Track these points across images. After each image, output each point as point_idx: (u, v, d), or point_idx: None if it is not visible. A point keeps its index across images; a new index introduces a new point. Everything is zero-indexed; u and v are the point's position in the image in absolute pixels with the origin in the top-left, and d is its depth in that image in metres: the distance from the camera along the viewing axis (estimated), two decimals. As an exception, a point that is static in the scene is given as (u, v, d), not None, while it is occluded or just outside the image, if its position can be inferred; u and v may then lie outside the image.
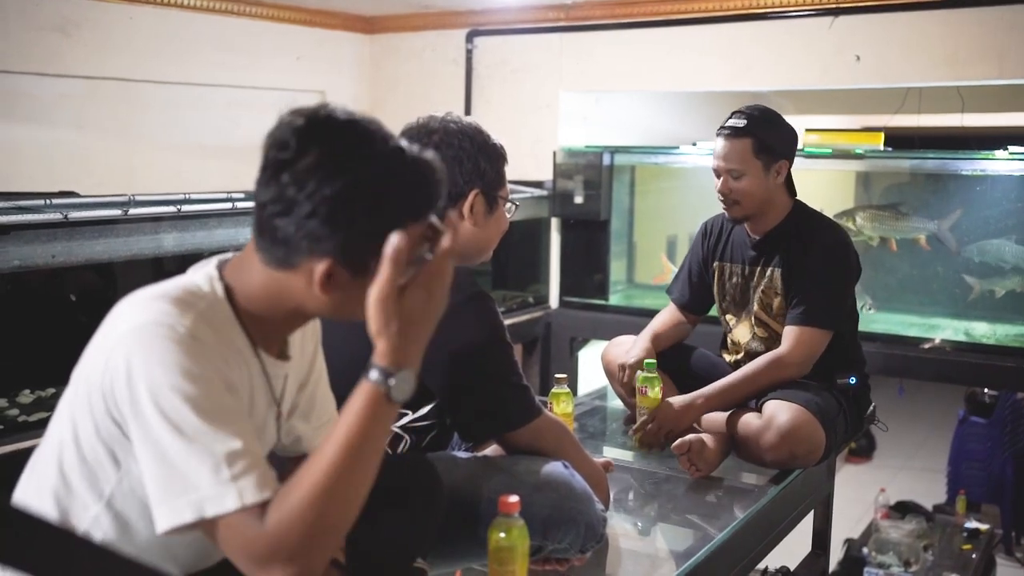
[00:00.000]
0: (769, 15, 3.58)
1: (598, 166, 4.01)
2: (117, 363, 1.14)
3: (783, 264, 2.49)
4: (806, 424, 2.26)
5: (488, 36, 4.19)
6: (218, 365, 1.17)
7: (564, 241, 4.18)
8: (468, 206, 1.83)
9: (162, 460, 1.12)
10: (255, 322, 1.26)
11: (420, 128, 1.84)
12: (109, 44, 3.42)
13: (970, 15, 3.25)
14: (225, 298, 1.24)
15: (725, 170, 2.46)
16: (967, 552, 3.66)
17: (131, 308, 1.19)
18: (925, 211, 3.60)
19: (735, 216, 2.50)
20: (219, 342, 1.20)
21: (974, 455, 4.44)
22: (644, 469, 2.40)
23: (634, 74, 3.94)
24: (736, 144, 2.44)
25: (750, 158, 2.43)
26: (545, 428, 1.83)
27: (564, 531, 1.73)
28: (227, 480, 1.11)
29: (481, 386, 1.77)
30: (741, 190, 2.45)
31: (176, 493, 1.11)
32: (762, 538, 2.21)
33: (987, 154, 3.41)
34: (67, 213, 2.48)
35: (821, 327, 2.41)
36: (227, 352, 1.21)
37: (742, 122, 2.45)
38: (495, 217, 1.90)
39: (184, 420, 1.11)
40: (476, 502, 1.74)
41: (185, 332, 1.15)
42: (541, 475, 1.77)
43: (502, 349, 1.79)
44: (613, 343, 2.74)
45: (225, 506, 1.10)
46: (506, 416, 1.80)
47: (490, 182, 1.85)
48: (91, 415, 1.18)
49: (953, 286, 3.65)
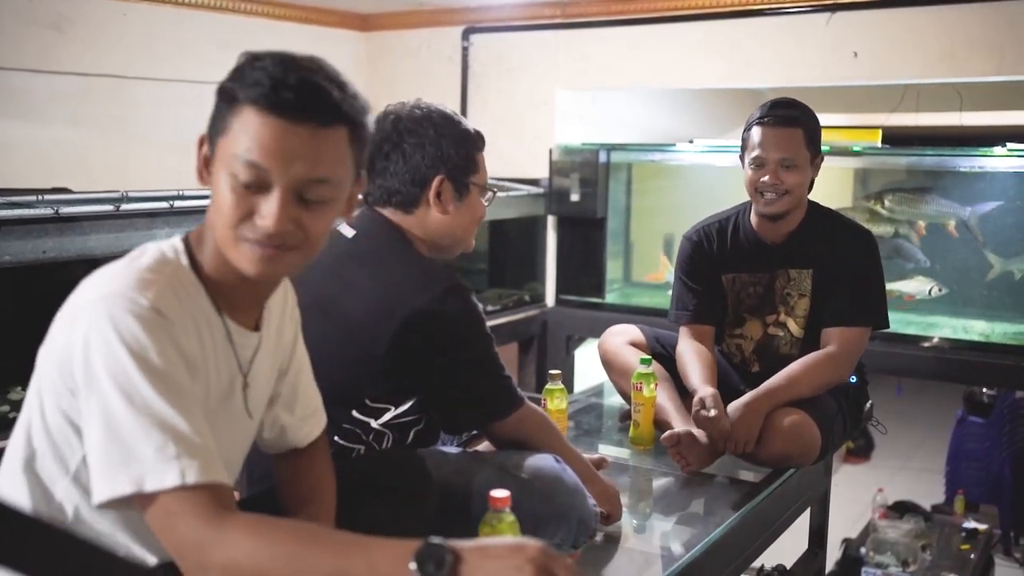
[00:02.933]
0: (766, 12, 3.57)
1: (594, 164, 3.99)
2: (76, 334, 1.13)
3: (812, 265, 2.43)
4: (801, 424, 2.23)
5: (484, 34, 4.18)
6: (179, 339, 1.17)
7: (560, 239, 4.16)
8: (434, 192, 1.82)
9: (108, 429, 1.10)
10: (219, 289, 1.26)
11: (384, 115, 1.84)
12: (103, 41, 3.41)
13: (968, 11, 3.24)
14: (189, 266, 1.24)
15: (777, 160, 2.35)
16: (965, 552, 3.64)
17: (94, 281, 1.19)
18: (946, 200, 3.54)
19: (778, 210, 2.39)
20: (183, 311, 1.19)
21: (972, 455, 4.42)
22: (639, 466, 2.39)
23: (631, 71, 3.93)
24: (789, 133, 2.35)
25: (802, 148, 2.36)
26: (528, 418, 1.82)
27: (556, 526, 1.72)
28: (171, 457, 1.09)
29: (462, 378, 1.76)
30: (792, 182, 2.35)
31: (117, 464, 1.09)
32: (757, 536, 2.19)
33: (985, 151, 3.40)
34: (58, 208, 2.47)
35: (868, 325, 2.39)
36: (191, 319, 1.21)
37: (793, 111, 2.37)
38: (467, 204, 1.87)
39: (136, 392, 1.10)
40: (466, 497, 1.72)
41: (147, 305, 1.14)
42: (532, 470, 1.76)
43: (482, 340, 1.78)
44: (610, 332, 2.69)
45: (164, 482, 1.08)
46: (488, 407, 1.79)
47: (456, 167, 1.83)
48: (54, 389, 1.17)
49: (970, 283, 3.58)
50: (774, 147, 2.35)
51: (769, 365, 2.46)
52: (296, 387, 1.49)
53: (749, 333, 2.54)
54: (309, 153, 1.17)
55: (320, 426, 1.54)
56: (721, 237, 2.55)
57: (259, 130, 1.15)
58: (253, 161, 1.15)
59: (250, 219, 1.17)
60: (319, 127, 1.17)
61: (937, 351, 3.36)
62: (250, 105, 1.15)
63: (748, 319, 2.53)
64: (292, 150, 1.15)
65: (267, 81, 1.14)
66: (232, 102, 1.17)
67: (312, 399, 1.53)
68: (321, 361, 1.71)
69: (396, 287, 1.73)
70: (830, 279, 2.41)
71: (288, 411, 1.48)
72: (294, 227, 1.19)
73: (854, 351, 2.37)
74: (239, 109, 1.16)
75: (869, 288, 2.40)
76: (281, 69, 1.15)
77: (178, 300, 1.19)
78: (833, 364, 2.34)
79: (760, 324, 2.51)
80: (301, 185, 1.18)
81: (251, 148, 1.15)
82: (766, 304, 2.50)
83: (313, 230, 1.21)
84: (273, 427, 1.48)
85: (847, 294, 2.38)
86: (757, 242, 2.49)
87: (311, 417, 1.52)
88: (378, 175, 1.85)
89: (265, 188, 1.17)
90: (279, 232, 1.17)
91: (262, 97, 1.14)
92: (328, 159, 1.19)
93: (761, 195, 2.39)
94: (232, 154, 1.16)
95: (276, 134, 1.15)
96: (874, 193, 3.59)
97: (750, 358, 2.54)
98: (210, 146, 1.21)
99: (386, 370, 1.73)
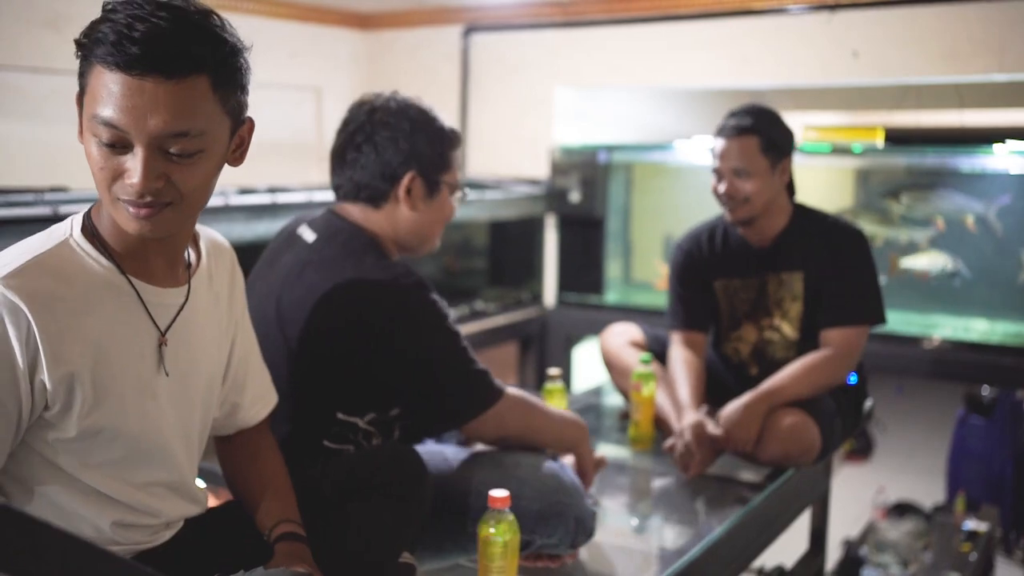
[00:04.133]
0: (767, 11, 3.56)
1: (594, 163, 3.99)
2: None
3: (803, 267, 2.43)
4: (801, 424, 2.23)
5: (484, 33, 4.17)
6: (20, 331, 1.15)
7: (560, 239, 4.16)
8: (404, 188, 1.78)
9: None
10: (122, 251, 1.25)
11: (359, 104, 1.81)
12: (102, 40, 3.41)
13: (969, 10, 3.23)
14: (83, 235, 1.23)
15: (730, 170, 2.37)
16: (966, 552, 3.63)
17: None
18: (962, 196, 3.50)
19: (740, 218, 2.41)
20: (70, 284, 1.19)
21: (974, 455, 4.40)
22: (638, 466, 2.38)
23: (631, 71, 3.92)
24: (742, 142, 2.36)
25: (757, 156, 2.35)
26: (510, 409, 1.76)
27: (553, 526, 1.71)
28: None
29: (431, 376, 1.71)
30: (748, 190, 2.36)
31: None
32: (757, 536, 2.18)
33: (986, 150, 3.39)
34: (57, 208, 2.47)
35: (865, 323, 2.38)
36: (81, 290, 1.20)
37: (747, 120, 2.37)
38: (437, 202, 1.83)
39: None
40: (464, 496, 1.72)
41: (6, 275, 1.14)
42: (530, 468, 1.75)
43: (445, 336, 1.72)
44: (611, 332, 2.70)
45: None
46: (463, 403, 1.73)
47: (429, 164, 1.79)
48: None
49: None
50: (727, 156, 2.38)
51: (766, 368, 2.46)
52: (247, 365, 1.50)
53: (745, 336, 2.54)
54: (162, 107, 1.13)
55: (269, 407, 1.56)
56: (711, 244, 2.55)
57: (109, 88, 1.12)
58: (108, 119, 1.13)
59: (120, 179, 1.16)
60: (167, 79, 1.13)
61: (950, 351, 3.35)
62: (99, 63, 1.13)
63: (744, 323, 2.53)
64: (144, 106, 1.12)
65: (112, 36, 1.11)
66: (85, 59, 1.15)
67: (264, 378, 1.55)
68: (295, 367, 1.70)
69: (355, 292, 1.69)
70: (823, 280, 2.41)
71: (240, 391, 1.50)
72: (164, 184, 1.17)
73: (853, 351, 2.36)
74: (91, 67, 1.14)
75: (863, 286, 2.40)
76: (126, 21, 1.12)
77: (55, 277, 1.19)
78: (832, 365, 2.34)
79: (755, 328, 2.51)
80: (160, 140, 1.15)
81: (105, 107, 1.13)
82: (759, 308, 2.50)
83: (185, 185, 1.18)
84: (224, 405, 1.49)
85: (841, 294, 2.38)
86: (745, 247, 2.50)
87: (263, 397, 1.54)
88: (348, 166, 1.80)
89: (127, 147, 1.15)
90: (147, 190, 1.15)
91: (108, 54, 1.11)
92: (186, 111, 1.15)
93: (723, 204, 2.42)
94: (91, 115, 1.15)
95: (125, 91, 1.12)
96: (891, 191, 3.56)
97: (747, 361, 2.54)
98: (79, 107, 1.19)
99: (357, 376, 1.71)
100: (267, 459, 1.52)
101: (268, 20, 3.96)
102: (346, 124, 1.81)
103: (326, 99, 4.22)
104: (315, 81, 4.22)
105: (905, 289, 3.56)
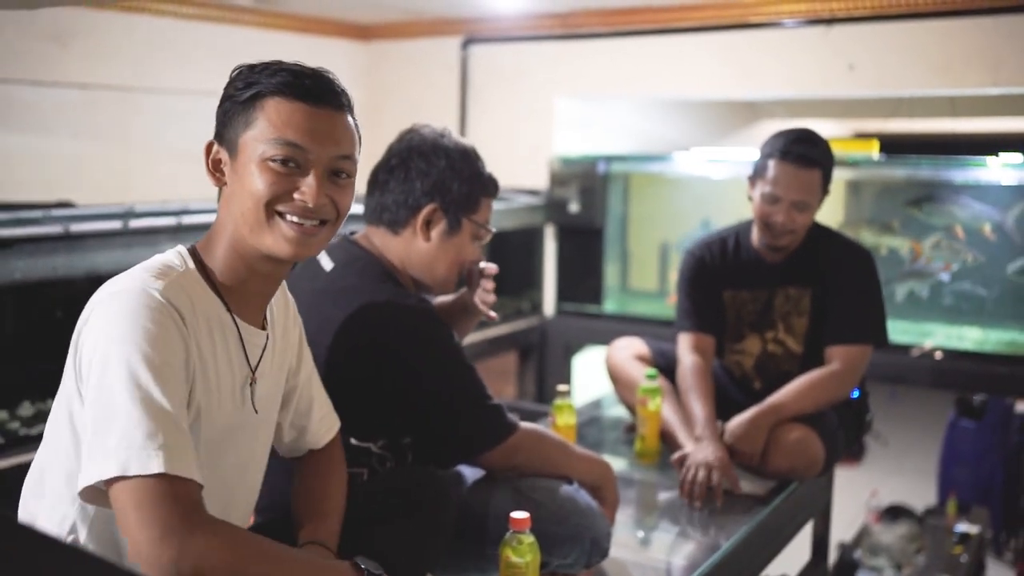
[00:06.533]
0: (765, 24, 3.60)
1: (593, 174, 4.03)
2: (88, 331, 1.19)
3: (812, 285, 2.45)
4: (806, 439, 2.28)
5: (484, 44, 4.20)
6: (187, 334, 1.22)
7: (560, 249, 4.19)
8: (423, 218, 1.81)
9: (106, 414, 1.14)
10: (229, 291, 1.33)
11: (407, 132, 1.86)
12: (105, 53, 3.42)
13: (965, 24, 3.28)
14: (196, 269, 1.31)
15: (792, 201, 2.31)
16: (957, 555, 3.69)
17: (108, 284, 1.25)
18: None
19: (781, 245, 2.40)
20: (195, 310, 1.25)
21: (964, 458, 4.46)
22: (645, 480, 2.42)
23: (629, 82, 3.96)
24: (808, 175, 2.30)
25: (818, 191, 2.33)
26: (522, 446, 1.77)
27: (569, 547, 1.74)
28: (155, 445, 1.13)
29: (441, 408, 1.72)
30: (802, 223, 2.34)
31: (108, 448, 1.13)
32: (764, 548, 2.23)
33: (978, 161, 3.43)
34: (68, 226, 2.49)
35: (869, 343, 2.41)
36: (204, 318, 1.27)
37: (814, 151, 2.31)
38: (454, 241, 1.84)
39: (139, 380, 1.14)
40: (483, 518, 1.75)
41: (159, 297, 1.20)
42: (546, 491, 1.78)
43: (456, 368, 1.74)
44: (616, 346, 2.72)
45: (148, 468, 1.12)
46: (472, 437, 1.74)
47: (454, 202, 1.81)
48: (70, 399, 1.22)
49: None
50: (791, 188, 2.31)
51: (770, 382, 2.50)
52: (311, 391, 1.56)
53: (749, 349, 2.57)
54: (335, 132, 1.31)
55: (334, 429, 1.61)
56: (723, 254, 2.57)
57: (291, 115, 1.27)
58: (290, 140, 1.27)
59: (287, 199, 1.28)
60: (336, 110, 1.32)
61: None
62: (276, 96, 1.27)
63: (748, 335, 2.56)
64: (322, 130, 1.29)
65: (286, 75, 1.28)
66: (253, 100, 1.28)
67: (326, 402, 1.60)
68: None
69: (370, 321, 1.71)
70: (830, 298, 2.44)
71: (306, 415, 1.55)
72: (328, 202, 1.31)
73: (857, 368, 2.41)
74: (263, 103, 1.28)
75: (869, 306, 2.44)
76: (293, 68, 1.30)
77: (189, 299, 1.25)
78: (837, 381, 2.38)
79: (759, 340, 2.55)
80: (332, 162, 1.31)
81: (286, 130, 1.27)
82: (765, 321, 2.53)
83: (342, 205, 1.34)
84: (291, 430, 1.55)
85: (848, 313, 2.41)
86: (757, 261, 2.52)
87: (327, 417, 1.60)
88: (378, 188, 1.84)
89: (301, 168, 1.29)
90: (318, 206, 1.29)
91: (286, 87, 1.28)
92: (348, 138, 1.34)
93: (768, 228, 2.39)
94: (266, 140, 1.26)
95: (306, 116, 1.28)
96: (912, 200, 3.59)
97: (751, 374, 2.58)
98: (226, 147, 1.30)
99: (370, 404, 1.73)
100: (323, 482, 1.54)
101: (268, 32, 3.98)
102: (389, 148, 1.86)
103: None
104: (315, 91, 4.23)
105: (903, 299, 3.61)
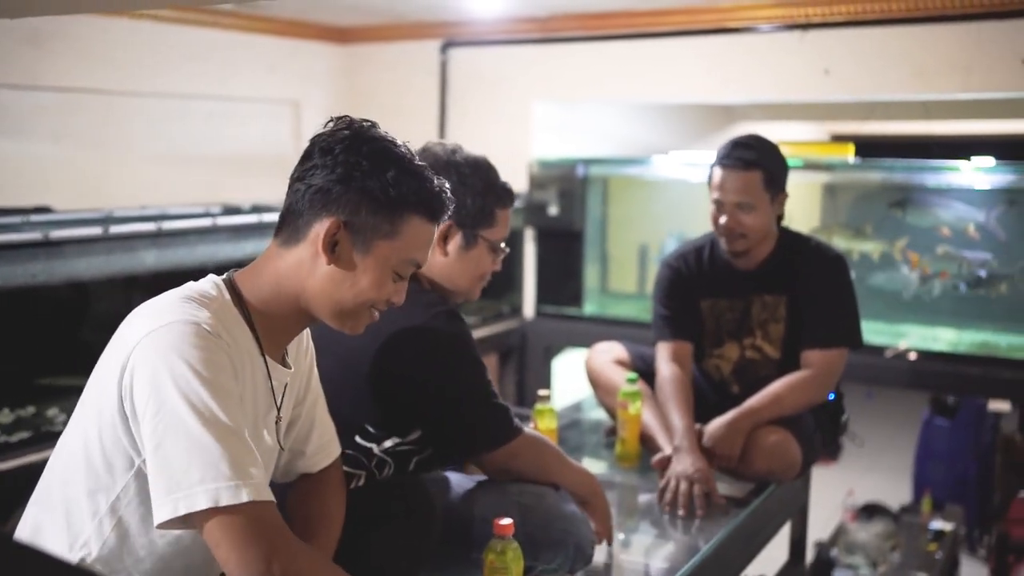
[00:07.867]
0: (741, 29, 3.64)
1: (572, 177, 4.05)
2: (141, 361, 1.19)
3: (786, 292, 2.48)
4: (783, 442, 2.31)
5: (463, 47, 4.21)
6: (235, 365, 1.25)
7: (539, 251, 4.21)
8: (439, 235, 1.84)
9: (183, 446, 1.15)
10: (262, 324, 1.35)
11: (422, 150, 1.87)
12: (82, 56, 3.40)
13: (937, 30, 3.32)
14: (232, 301, 1.32)
15: (734, 204, 2.37)
16: (932, 552, 3.75)
17: (151, 312, 1.25)
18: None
19: (737, 250, 2.44)
20: (232, 340, 1.27)
21: (939, 456, 4.53)
22: (625, 483, 2.44)
23: (608, 86, 3.98)
24: (746, 176, 2.35)
25: (760, 191, 2.37)
26: (523, 449, 1.80)
27: (554, 552, 1.77)
28: (242, 475, 1.15)
29: (451, 403, 1.76)
30: (749, 224, 2.38)
31: (191, 481, 1.15)
32: (743, 550, 2.26)
33: (953, 165, 3.48)
34: (47, 232, 2.47)
35: (844, 346, 2.44)
36: (237, 349, 1.28)
37: (751, 153, 2.36)
38: (471, 255, 1.88)
39: (208, 412, 1.16)
40: (469, 523, 1.77)
41: (209, 329, 1.22)
42: (532, 496, 1.80)
43: (471, 366, 1.77)
44: (596, 350, 2.73)
45: (240, 498, 1.14)
46: (478, 435, 1.78)
47: (468, 217, 1.85)
48: (103, 420, 1.22)
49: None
50: (731, 190, 2.37)
51: (748, 386, 2.52)
52: (313, 417, 1.56)
53: (728, 354, 2.60)
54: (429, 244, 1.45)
55: (332, 455, 1.60)
56: (699, 264, 2.59)
57: (426, 237, 1.41)
58: (419, 262, 1.41)
59: (386, 297, 1.40)
60: (432, 221, 1.43)
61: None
62: (417, 215, 1.37)
63: (727, 341, 2.59)
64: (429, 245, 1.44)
65: (426, 194, 1.38)
66: (400, 209, 1.35)
67: (328, 429, 1.60)
68: (323, 389, 1.75)
69: (384, 318, 1.74)
70: (804, 303, 2.47)
71: (305, 440, 1.55)
72: None
73: (833, 372, 2.44)
74: (406, 217, 1.36)
75: (842, 310, 2.47)
76: (425, 175, 1.39)
77: (227, 330, 1.27)
78: (813, 385, 2.41)
79: (738, 346, 2.57)
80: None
81: (420, 253, 1.40)
82: (743, 328, 2.56)
83: (398, 300, 1.44)
84: (288, 453, 1.54)
85: (822, 317, 2.45)
86: (731, 269, 2.54)
87: (326, 446, 1.59)
88: None
89: (404, 277, 1.41)
90: (400, 303, 1.43)
91: (426, 210, 1.38)
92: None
93: (722, 234, 2.45)
94: (405, 258, 1.38)
95: (429, 236, 1.42)
96: (896, 201, 3.63)
97: (729, 378, 2.60)
98: (356, 237, 1.34)
99: (379, 396, 1.76)
100: (319, 505, 1.54)
101: (246, 35, 3.97)
102: None
103: (305, 113, 4.24)
104: (293, 95, 4.24)
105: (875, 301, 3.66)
